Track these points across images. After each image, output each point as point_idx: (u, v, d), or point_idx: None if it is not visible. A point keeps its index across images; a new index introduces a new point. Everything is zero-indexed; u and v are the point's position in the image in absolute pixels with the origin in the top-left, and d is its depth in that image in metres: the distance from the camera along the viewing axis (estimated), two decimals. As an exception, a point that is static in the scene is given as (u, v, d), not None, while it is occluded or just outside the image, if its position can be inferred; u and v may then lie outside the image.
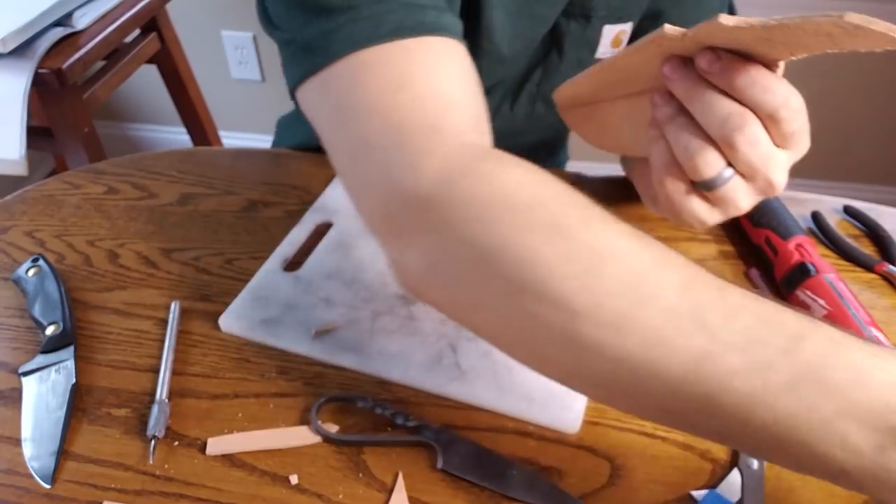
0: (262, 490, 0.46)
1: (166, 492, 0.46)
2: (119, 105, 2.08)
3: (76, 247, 0.65)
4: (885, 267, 0.60)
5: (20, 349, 0.56)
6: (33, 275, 0.60)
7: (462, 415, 0.50)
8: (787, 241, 0.58)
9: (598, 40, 0.68)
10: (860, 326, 0.51)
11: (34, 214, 0.69)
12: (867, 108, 1.71)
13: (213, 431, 0.50)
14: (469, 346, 0.54)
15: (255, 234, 0.66)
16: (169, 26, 1.52)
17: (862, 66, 1.64)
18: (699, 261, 0.63)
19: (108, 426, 0.50)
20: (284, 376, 0.53)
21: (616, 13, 0.66)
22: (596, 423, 0.50)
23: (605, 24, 0.67)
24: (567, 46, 0.68)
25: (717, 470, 0.47)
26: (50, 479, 0.47)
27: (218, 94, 1.84)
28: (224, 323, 0.56)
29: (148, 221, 0.68)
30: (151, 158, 0.76)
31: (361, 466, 0.47)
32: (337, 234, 0.64)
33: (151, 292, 0.60)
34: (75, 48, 1.20)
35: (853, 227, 0.66)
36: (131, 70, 1.43)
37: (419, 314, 0.56)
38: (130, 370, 0.54)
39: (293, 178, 0.73)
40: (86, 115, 1.27)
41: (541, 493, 0.45)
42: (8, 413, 0.52)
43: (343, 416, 0.51)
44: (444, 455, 0.47)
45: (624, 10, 0.67)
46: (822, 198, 0.69)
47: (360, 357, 0.53)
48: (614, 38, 0.69)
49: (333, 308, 0.57)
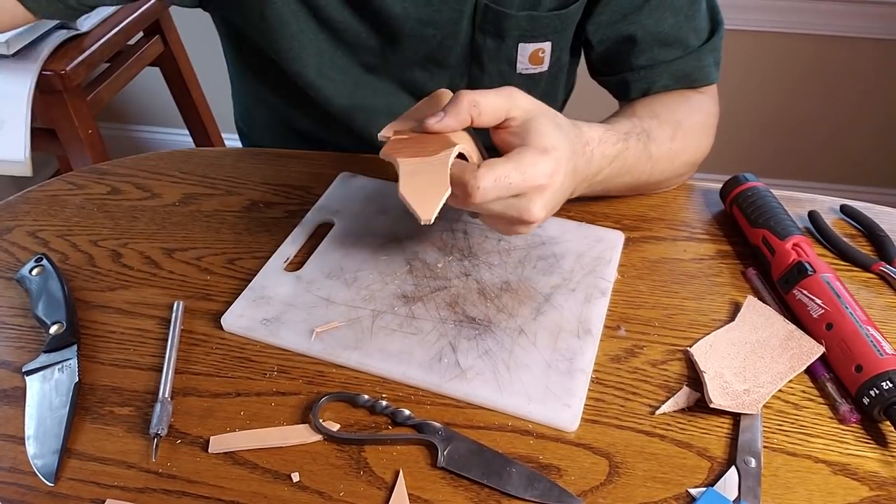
0: (263, 488, 0.47)
1: (169, 490, 0.47)
2: (122, 107, 2.09)
3: (79, 246, 0.66)
4: (881, 266, 0.60)
5: (24, 348, 0.57)
6: (37, 274, 0.60)
7: (462, 413, 0.51)
8: (785, 240, 0.58)
9: (516, 57, 0.72)
10: (857, 325, 0.51)
11: (38, 214, 0.69)
12: (864, 111, 1.71)
13: (215, 430, 0.50)
14: (469, 346, 0.54)
15: (257, 234, 0.66)
16: (172, 29, 1.53)
17: (859, 69, 1.64)
18: (697, 259, 0.64)
19: (110, 424, 0.51)
20: (286, 375, 0.54)
21: (529, 33, 0.69)
22: (594, 422, 0.50)
23: (520, 42, 0.70)
24: (486, 60, 0.72)
25: (714, 468, 0.47)
26: (53, 477, 0.47)
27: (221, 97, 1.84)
28: (226, 322, 0.57)
29: (150, 221, 0.68)
30: (154, 159, 0.77)
31: (362, 464, 0.48)
32: (338, 234, 0.65)
33: (154, 292, 0.61)
34: (79, 51, 1.21)
35: (850, 226, 0.66)
36: (135, 72, 1.43)
37: (419, 313, 0.57)
38: (133, 369, 0.55)
39: (294, 179, 0.73)
40: (89, 117, 1.27)
41: (540, 490, 0.46)
42: (11, 412, 0.52)
43: (344, 414, 0.51)
44: (445, 453, 0.47)
45: (538, 31, 0.69)
46: (818, 197, 0.69)
47: (361, 356, 0.54)
48: (531, 55, 0.71)
49: (334, 307, 0.57)
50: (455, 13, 0.67)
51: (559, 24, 0.69)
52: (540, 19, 0.68)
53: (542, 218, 0.51)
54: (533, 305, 0.57)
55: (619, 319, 0.57)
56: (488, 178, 0.48)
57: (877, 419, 0.49)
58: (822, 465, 0.47)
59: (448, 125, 0.50)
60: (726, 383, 0.51)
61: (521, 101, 0.52)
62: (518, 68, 0.73)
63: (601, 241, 0.63)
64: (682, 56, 0.69)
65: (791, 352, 0.53)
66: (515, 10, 0.67)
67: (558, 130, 0.51)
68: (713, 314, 0.58)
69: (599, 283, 0.59)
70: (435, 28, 0.68)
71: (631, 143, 0.61)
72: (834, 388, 0.51)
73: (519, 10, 0.67)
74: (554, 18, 0.68)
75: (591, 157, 0.57)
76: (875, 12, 1.54)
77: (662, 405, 0.51)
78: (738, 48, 1.61)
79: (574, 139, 0.54)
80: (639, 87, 0.71)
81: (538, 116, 0.51)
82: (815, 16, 1.57)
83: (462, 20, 0.68)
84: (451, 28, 0.69)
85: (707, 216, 0.68)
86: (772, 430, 0.49)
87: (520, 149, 0.50)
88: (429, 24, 0.68)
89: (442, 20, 0.68)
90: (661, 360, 0.54)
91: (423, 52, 0.71)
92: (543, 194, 0.50)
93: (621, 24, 0.69)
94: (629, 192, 0.68)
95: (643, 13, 0.68)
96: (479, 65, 0.73)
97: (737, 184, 0.65)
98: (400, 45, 0.70)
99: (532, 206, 0.50)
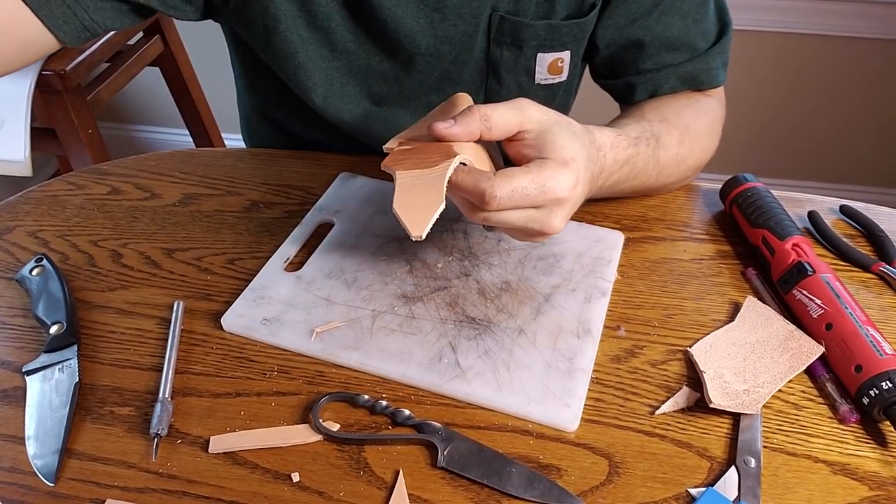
0: (263, 488, 0.47)
1: (169, 490, 0.47)
2: (122, 107, 2.09)
3: (80, 247, 0.66)
4: (881, 266, 0.60)
5: (24, 348, 0.57)
6: (37, 274, 0.60)
7: (462, 413, 0.51)
8: (784, 240, 0.58)
9: (534, 67, 0.71)
10: (857, 325, 0.51)
11: (38, 214, 0.69)
12: (864, 111, 1.71)
13: (215, 430, 0.50)
14: (469, 346, 0.54)
15: (257, 234, 0.66)
16: (172, 29, 1.53)
17: (859, 69, 1.64)
18: (697, 259, 0.64)
19: (111, 424, 0.51)
20: (286, 375, 0.54)
21: (548, 43, 0.69)
22: (594, 422, 0.50)
23: (539, 52, 0.70)
24: (503, 73, 0.71)
25: (714, 467, 0.47)
26: (53, 477, 0.47)
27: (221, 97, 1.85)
28: (226, 322, 0.57)
29: (151, 221, 0.68)
30: (154, 159, 0.77)
31: (362, 464, 0.48)
32: (338, 234, 0.65)
33: (154, 292, 0.61)
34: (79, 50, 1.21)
35: (850, 226, 0.66)
36: (135, 72, 1.43)
37: (419, 313, 0.57)
38: (133, 369, 0.55)
39: (294, 179, 0.73)
40: (89, 117, 1.27)
41: (540, 490, 0.46)
42: (12, 412, 0.52)
43: (344, 414, 0.51)
44: (445, 453, 0.48)
45: (556, 40, 0.69)
46: (818, 197, 0.69)
47: (361, 356, 0.54)
48: (550, 64, 0.71)
49: (334, 307, 0.57)
50: (471, 27, 0.67)
51: (578, 31, 0.68)
52: (559, 28, 0.67)
53: (561, 229, 0.51)
54: (533, 305, 0.57)
55: (619, 319, 0.57)
56: (506, 187, 0.47)
57: (876, 419, 0.49)
58: (822, 465, 0.47)
59: (455, 133, 0.49)
60: (726, 383, 0.51)
61: (533, 112, 0.51)
62: (537, 79, 0.72)
63: (601, 241, 0.63)
64: (690, 59, 0.69)
65: (791, 352, 0.53)
66: (531, 19, 0.66)
67: (575, 139, 0.51)
68: (713, 314, 0.58)
69: (599, 283, 0.59)
70: (450, 44, 0.68)
71: (641, 148, 0.61)
72: (834, 388, 0.51)
73: (534, 20, 0.67)
74: (573, 27, 0.68)
75: (604, 164, 0.57)
76: (875, 12, 1.54)
77: (662, 405, 0.51)
78: (738, 48, 1.60)
79: (589, 146, 0.53)
80: (644, 90, 0.70)
81: (553, 127, 0.51)
82: (815, 16, 1.57)
83: (477, 33, 0.68)
84: (465, 42, 0.68)
85: (707, 216, 0.68)
86: (772, 430, 0.49)
87: (540, 161, 0.49)
88: (445, 40, 0.67)
89: (457, 35, 0.67)
90: (660, 360, 0.54)
91: (437, 71, 0.71)
92: (564, 207, 0.50)
93: (629, 29, 0.68)
94: (633, 194, 0.68)
95: (652, 18, 0.67)
96: (497, 78, 0.72)
97: (736, 184, 0.65)
98: (414, 66, 0.70)
99: (553, 218, 0.50)
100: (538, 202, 0.49)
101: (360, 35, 0.68)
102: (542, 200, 0.49)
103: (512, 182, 0.47)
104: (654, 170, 0.64)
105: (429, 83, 0.72)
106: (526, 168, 0.49)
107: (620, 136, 0.59)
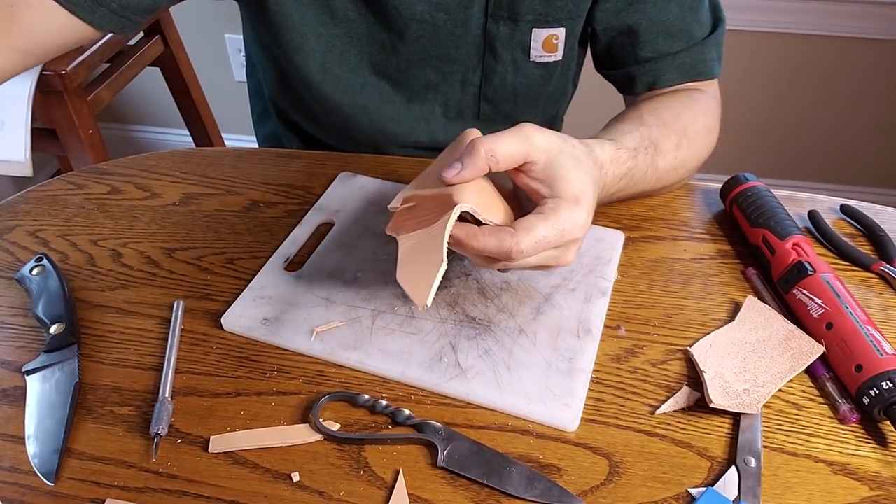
0: (263, 487, 0.47)
1: (169, 489, 0.47)
2: (123, 107, 2.09)
3: (80, 246, 0.66)
4: (881, 266, 0.60)
5: (24, 348, 0.57)
6: (37, 274, 0.60)
7: (462, 413, 0.51)
8: (785, 240, 0.58)
9: (530, 43, 0.72)
10: (857, 325, 0.51)
11: (38, 214, 0.69)
12: (864, 111, 1.71)
13: (215, 429, 0.50)
14: (469, 345, 0.54)
15: (257, 234, 0.66)
16: (172, 29, 1.53)
17: (859, 69, 1.64)
18: (697, 259, 0.64)
19: (111, 424, 0.51)
20: (286, 375, 0.54)
21: (543, 17, 0.69)
22: (594, 421, 0.50)
23: (534, 27, 0.70)
24: (500, 48, 0.72)
25: (714, 467, 0.47)
26: (53, 476, 0.47)
27: (221, 97, 1.85)
28: (226, 322, 0.57)
29: (151, 221, 0.68)
30: (154, 159, 0.77)
31: (362, 464, 0.48)
32: (338, 234, 0.65)
33: (154, 291, 0.61)
34: (79, 51, 1.21)
35: (850, 226, 0.66)
36: (135, 73, 1.43)
37: (419, 313, 0.57)
38: (133, 369, 0.55)
39: (294, 179, 0.73)
40: (90, 117, 1.27)
41: (540, 490, 0.46)
42: (12, 411, 0.52)
43: (344, 414, 0.51)
44: (445, 453, 0.48)
45: (551, 15, 0.69)
46: (818, 197, 0.69)
47: (361, 356, 0.54)
48: (545, 41, 0.71)
49: (334, 307, 0.57)
50: None
51: (573, 8, 0.69)
52: (554, 3, 0.68)
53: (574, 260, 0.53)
54: (533, 305, 0.57)
55: (619, 319, 0.57)
56: (529, 240, 0.48)
57: (877, 419, 0.49)
58: (822, 464, 0.47)
59: (465, 177, 0.49)
60: (726, 383, 0.51)
61: (538, 140, 0.50)
62: (532, 55, 0.72)
63: (601, 240, 0.63)
64: (687, 48, 0.69)
65: (791, 351, 0.53)
66: None
67: (580, 168, 0.51)
68: (713, 314, 0.58)
69: (599, 282, 0.59)
70: (446, 12, 0.68)
71: (640, 159, 0.61)
72: (834, 387, 0.51)
73: None
74: (568, 2, 0.68)
75: (605, 181, 0.57)
76: (874, 12, 1.54)
77: (662, 405, 0.51)
78: (737, 48, 1.61)
79: (592, 168, 0.54)
80: (644, 80, 0.71)
81: (558, 157, 0.51)
82: (815, 16, 1.57)
83: (473, 5, 0.68)
84: (461, 14, 0.69)
85: (707, 216, 0.68)
86: (772, 430, 0.49)
87: (552, 203, 0.50)
88: (440, 7, 0.68)
89: (453, 4, 0.68)
90: (661, 359, 0.54)
91: (433, 44, 0.71)
92: (578, 242, 0.51)
93: (626, 13, 0.69)
94: (630, 199, 0.68)
95: (648, 2, 0.68)
96: (493, 53, 0.72)
97: (737, 183, 0.65)
98: (409, 34, 0.70)
99: (569, 254, 0.52)
100: (557, 244, 0.50)
101: (359, 2, 0.69)
102: (560, 242, 0.50)
103: (534, 234, 0.48)
104: (653, 177, 0.64)
105: (426, 58, 0.73)
106: (542, 215, 0.49)
107: (620, 149, 0.59)
